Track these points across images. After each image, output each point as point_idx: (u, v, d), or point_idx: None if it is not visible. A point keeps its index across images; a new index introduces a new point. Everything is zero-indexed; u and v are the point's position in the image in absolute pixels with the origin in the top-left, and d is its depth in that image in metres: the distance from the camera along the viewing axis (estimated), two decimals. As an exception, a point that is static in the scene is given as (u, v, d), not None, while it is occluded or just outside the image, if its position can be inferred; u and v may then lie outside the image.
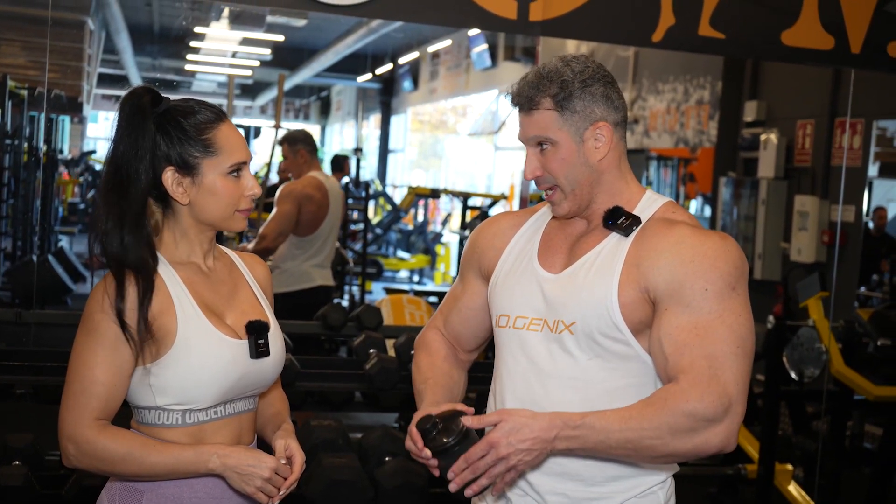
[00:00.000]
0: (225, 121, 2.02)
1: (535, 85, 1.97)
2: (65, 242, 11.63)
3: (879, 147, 7.58)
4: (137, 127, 1.95)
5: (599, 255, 1.97)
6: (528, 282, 2.04)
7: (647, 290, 1.91)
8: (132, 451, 1.91)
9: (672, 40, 3.73)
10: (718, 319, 1.85)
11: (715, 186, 9.16)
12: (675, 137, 10.13)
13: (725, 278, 1.87)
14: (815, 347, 4.84)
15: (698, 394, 1.80)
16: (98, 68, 12.99)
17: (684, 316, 1.87)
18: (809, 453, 5.05)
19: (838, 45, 3.86)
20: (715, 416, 1.80)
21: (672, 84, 10.18)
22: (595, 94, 1.96)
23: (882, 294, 7.78)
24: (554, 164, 1.98)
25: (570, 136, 1.96)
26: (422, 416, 1.91)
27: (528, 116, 1.99)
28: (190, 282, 2.00)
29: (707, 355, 1.83)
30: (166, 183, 1.97)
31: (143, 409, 1.99)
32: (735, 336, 1.85)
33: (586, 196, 2.00)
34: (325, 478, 3.77)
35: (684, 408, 1.79)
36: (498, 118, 15.55)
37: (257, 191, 2.03)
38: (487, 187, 16.30)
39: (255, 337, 2.03)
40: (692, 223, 1.98)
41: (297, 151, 5.70)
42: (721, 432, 1.82)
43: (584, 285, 1.95)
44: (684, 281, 1.88)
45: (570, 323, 1.95)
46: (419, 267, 14.37)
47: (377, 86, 21.17)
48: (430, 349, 2.25)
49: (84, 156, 16.51)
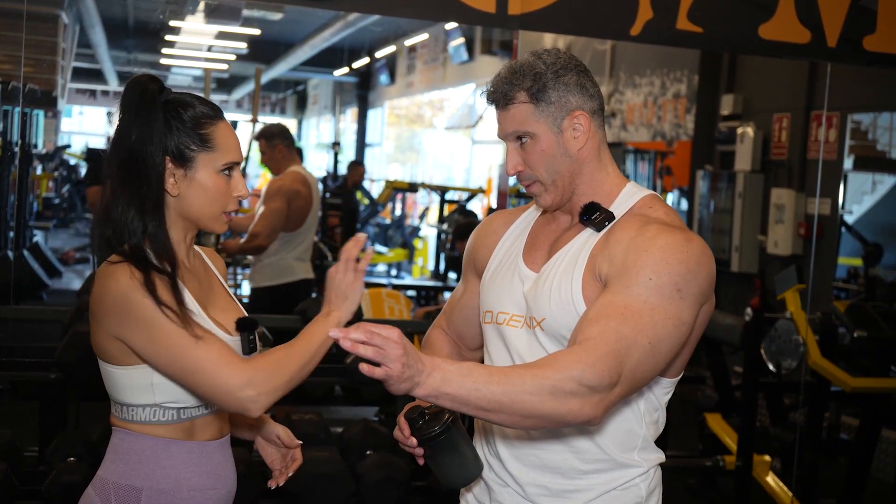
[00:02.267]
0: (224, 119, 2.03)
1: (509, 80, 1.97)
2: (40, 238, 11.55)
3: (854, 140, 7.63)
4: (148, 113, 1.94)
5: (569, 252, 1.98)
6: (512, 279, 2.05)
7: (601, 275, 1.90)
8: (286, 351, 1.90)
9: (650, 34, 3.75)
10: (648, 312, 1.81)
11: (692, 180, 9.20)
12: (652, 131, 10.17)
13: (673, 276, 1.83)
14: (792, 339, 4.88)
15: (591, 360, 1.74)
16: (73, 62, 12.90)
17: (619, 295, 1.83)
18: (787, 444, 5.09)
19: (815, 39, 3.89)
20: (600, 385, 1.74)
21: (649, 78, 10.21)
22: (569, 84, 1.97)
23: (857, 286, 7.84)
24: (534, 157, 1.98)
25: (548, 128, 1.96)
26: (411, 406, 1.94)
27: (505, 112, 1.99)
28: (182, 279, 1.99)
29: (618, 333, 1.78)
30: None
31: (137, 407, 1.98)
32: (655, 333, 1.81)
33: (568, 187, 2.00)
34: (306, 472, 3.76)
35: (574, 370, 1.73)
36: (475, 112, 15.54)
37: (245, 192, 2.04)
38: (465, 181, 16.30)
39: (247, 333, 2.05)
40: (667, 220, 1.95)
41: (274, 146, 5.72)
42: (597, 403, 1.75)
43: (552, 282, 1.96)
44: (631, 266, 1.85)
45: (541, 319, 1.96)
46: (397, 261, 14.35)
47: (354, 80, 21.10)
48: (434, 347, 2.28)
49: (58, 150, 16.40)
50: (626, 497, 1.98)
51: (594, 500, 1.97)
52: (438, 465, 1.94)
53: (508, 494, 2.02)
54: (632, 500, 1.98)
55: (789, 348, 4.88)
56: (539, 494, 1.98)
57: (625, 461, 1.98)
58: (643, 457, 2.00)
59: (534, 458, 1.98)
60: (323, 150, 22.28)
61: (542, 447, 1.98)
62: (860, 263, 7.83)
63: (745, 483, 4.84)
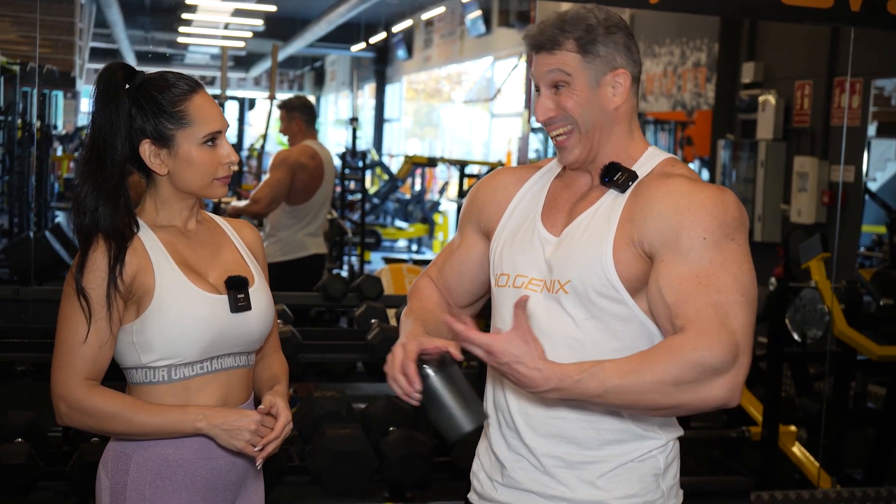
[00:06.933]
0: (198, 91, 2.07)
1: (559, 26, 1.93)
2: (61, 218, 11.57)
3: (877, 107, 7.54)
4: (111, 102, 2.02)
5: (596, 214, 1.94)
6: (531, 243, 2.00)
7: (642, 243, 1.86)
8: (120, 410, 1.99)
9: (670, 1, 3.70)
10: (721, 268, 1.80)
11: (713, 149, 9.12)
12: (673, 101, 10.08)
13: (723, 228, 1.82)
14: (817, 309, 4.83)
15: (707, 343, 1.73)
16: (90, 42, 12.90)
17: (684, 265, 1.81)
18: (813, 414, 5.05)
19: (838, 4, 3.82)
20: (723, 365, 1.73)
21: (669, 47, 10.11)
22: (618, 43, 1.94)
23: (882, 254, 7.76)
24: (570, 103, 1.93)
25: (587, 80, 1.93)
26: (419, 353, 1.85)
27: (550, 55, 1.94)
28: (169, 243, 2.07)
29: (713, 303, 1.77)
30: (144, 155, 2.04)
31: (132, 370, 2.06)
32: (739, 284, 1.80)
33: (597, 142, 1.96)
34: (329, 449, 3.76)
35: (692, 357, 1.72)
36: (493, 85, 15.47)
37: (234, 158, 2.09)
38: (484, 155, 16.26)
39: (235, 291, 2.08)
40: (690, 176, 1.93)
41: (292, 119, 5.81)
42: (727, 383, 1.75)
43: (579, 244, 1.91)
44: (680, 230, 1.82)
45: (566, 282, 1.91)
46: (417, 236, 14.34)
47: (371, 55, 21.05)
48: (422, 295, 2.20)
49: (78, 131, 16.42)
50: (643, 468, 1.95)
51: (611, 471, 1.93)
52: (428, 413, 1.87)
53: (522, 469, 1.98)
54: (649, 471, 1.95)
55: (814, 318, 4.84)
56: (555, 466, 1.95)
57: (644, 433, 1.95)
58: (663, 429, 1.97)
59: (551, 427, 1.94)
60: (341, 126, 22.26)
61: (562, 416, 1.94)
62: (884, 231, 7.76)
63: (770, 454, 4.80)
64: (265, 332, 2.18)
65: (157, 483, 2.04)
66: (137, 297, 2.01)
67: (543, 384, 1.74)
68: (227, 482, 2.11)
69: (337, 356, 4.42)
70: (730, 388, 1.76)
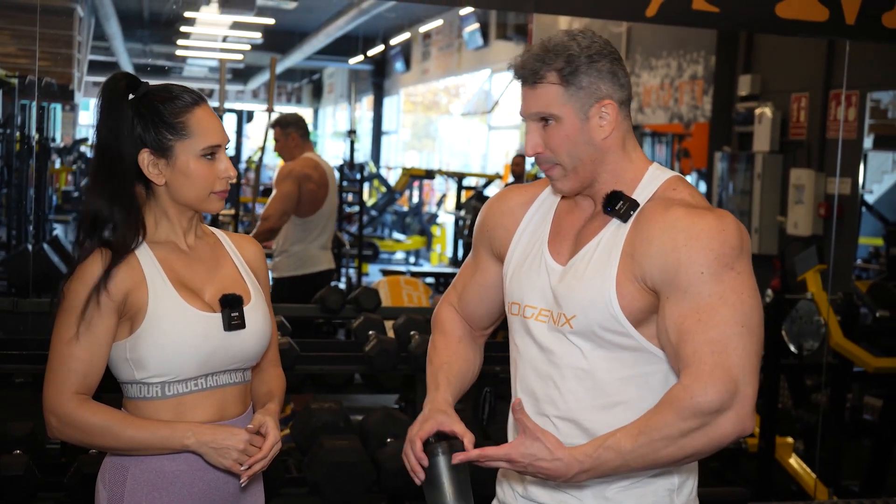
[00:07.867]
0: (201, 105, 2.07)
1: (541, 58, 1.91)
2: (60, 231, 11.58)
3: (873, 119, 7.56)
4: (114, 111, 2.03)
5: (599, 245, 1.93)
6: (538, 272, 2.00)
7: (644, 279, 1.87)
8: (110, 425, 1.99)
9: (666, 15, 3.71)
10: (720, 301, 1.80)
11: (710, 161, 9.13)
12: (670, 113, 10.10)
13: (721, 259, 1.81)
14: (813, 320, 4.84)
15: (701, 387, 1.75)
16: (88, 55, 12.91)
17: (685, 303, 1.82)
18: (810, 426, 5.06)
19: (833, 17, 3.84)
20: (722, 404, 1.75)
21: (665, 59, 10.14)
22: (601, 71, 1.91)
23: (879, 266, 7.77)
24: (556, 141, 1.92)
25: (574, 113, 1.91)
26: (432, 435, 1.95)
27: (532, 90, 1.93)
28: (165, 259, 2.07)
29: (710, 340, 1.78)
30: (142, 164, 2.04)
31: (127, 384, 2.07)
32: (738, 315, 1.80)
33: (588, 175, 1.95)
34: (327, 460, 3.76)
35: (688, 406, 1.75)
36: (491, 98, 15.49)
37: (232, 173, 2.09)
38: (482, 167, 16.27)
39: (229, 310, 2.08)
40: (692, 201, 1.91)
41: (288, 134, 5.78)
42: (732, 418, 1.77)
43: (583, 278, 1.91)
44: (678, 267, 1.82)
45: (571, 316, 1.92)
46: (415, 248, 14.35)
47: (369, 67, 21.09)
48: (445, 328, 2.23)
49: (77, 144, 16.43)
50: (657, 484, 1.95)
51: (625, 485, 1.94)
52: (424, 490, 1.97)
53: (536, 483, 1.99)
54: (663, 486, 1.96)
55: (811, 329, 4.85)
56: None
57: (656, 475, 1.95)
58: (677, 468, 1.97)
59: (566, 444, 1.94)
60: (339, 138, 22.28)
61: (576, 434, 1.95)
62: (881, 243, 7.77)
63: (767, 465, 4.81)
64: (261, 350, 2.18)
65: (154, 495, 2.05)
66: (131, 314, 2.01)
67: (567, 471, 1.78)
68: (224, 494, 2.11)
69: (335, 367, 4.43)
70: (737, 422, 1.78)
